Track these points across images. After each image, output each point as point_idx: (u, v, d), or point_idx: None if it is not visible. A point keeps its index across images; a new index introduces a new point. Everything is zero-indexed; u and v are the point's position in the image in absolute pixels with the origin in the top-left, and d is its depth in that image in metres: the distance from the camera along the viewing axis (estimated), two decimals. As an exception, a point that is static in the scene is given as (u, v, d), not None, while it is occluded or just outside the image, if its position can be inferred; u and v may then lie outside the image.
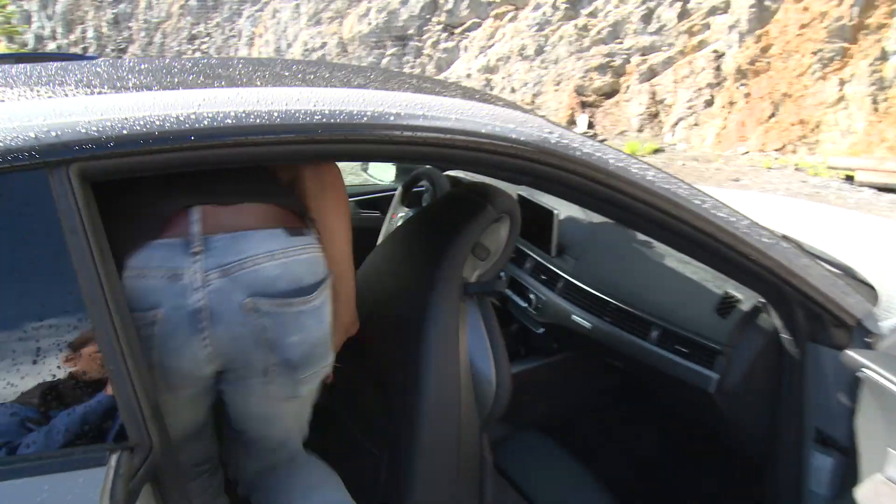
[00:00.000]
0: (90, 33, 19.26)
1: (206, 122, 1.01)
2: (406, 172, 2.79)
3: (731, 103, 10.16)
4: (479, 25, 13.67)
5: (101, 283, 0.94)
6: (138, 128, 0.98)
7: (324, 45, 15.07)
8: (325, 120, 1.07)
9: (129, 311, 1.01)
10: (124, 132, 0.97)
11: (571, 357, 2.32)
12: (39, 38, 20.13)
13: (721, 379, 1.64)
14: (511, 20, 13.30)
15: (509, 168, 1.20)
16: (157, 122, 0.99)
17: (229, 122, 1.02)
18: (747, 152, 9.61)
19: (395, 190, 2.76)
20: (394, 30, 14.39)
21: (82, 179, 0.95)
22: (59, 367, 0.94)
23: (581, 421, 2.33)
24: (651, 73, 11.28)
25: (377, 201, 3.17)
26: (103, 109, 0.99)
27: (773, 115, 9.64)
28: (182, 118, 1.00)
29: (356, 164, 3.29)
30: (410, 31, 14.28)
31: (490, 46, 13.30)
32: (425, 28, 14.13)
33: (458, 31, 13.77)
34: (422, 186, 2.63)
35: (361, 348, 1.57)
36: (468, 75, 13.08)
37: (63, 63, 1.32)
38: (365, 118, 1.09)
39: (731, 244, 1.35)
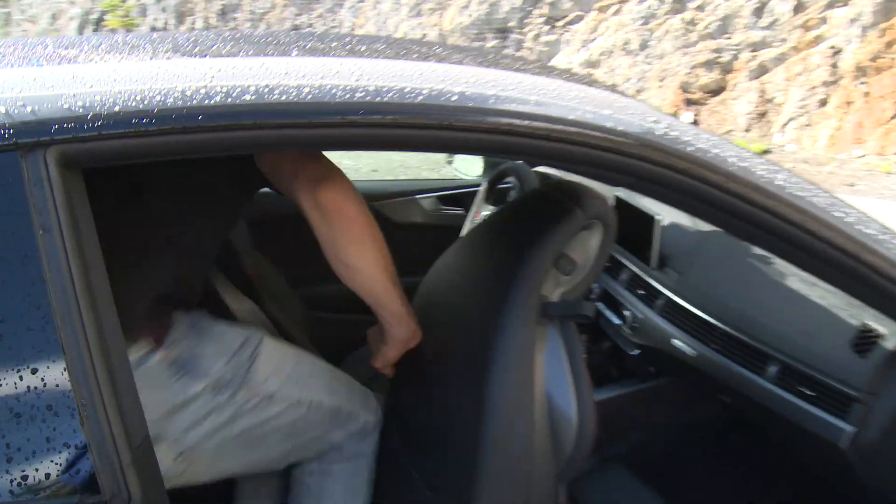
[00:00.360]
0: (199, 24, 19.82)
1: (217, 99, 0.81)
2: (494, 167, 2.59)
3: (848, 103, 9.49)
4: (581, 18, 13.30)
5: (75, 295, 0.75)
6: (133, 103, 0.78)
7: (424, 36, 15.00)
8: (368, 98, 0.85)
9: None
10: (116, 108, 0.78)
11: (670, 384, 2.04)
12: (154, 30, 20.87)
13: (857, 433, 1.33)
14: (615, 13, 12.87)
15: (603, 165, 0.96)
16: (158, 98, 0.79)
17: (248, 98, 0.81)
18: (864, 155, 8.97)
19: (480, 186, 2.58)
20: (495, 22, 14.16)
21: (62, 165, 0.77)
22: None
23: (677, 457, 2.05)
24: (761, 70, 10.70)
25: (461, 197, 2.98)
26: (94, 80, 0.81)
27: (895, 116, 8.97)
28: (189, 93, 0.80)
29: (440, 156, 3.10)
30: (511, 24, 14.02)
31: (593, 40, 12.92)
32: (527, 20, 13.85)
33: (560, 23, 13.44)
34: (508, 183, 2.43)
35: (423, 365, 1.36)
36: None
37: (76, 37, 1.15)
38: (420, 97, 0.87)
39: (881, 268, 1.07)
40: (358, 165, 8.02)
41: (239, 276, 1.88)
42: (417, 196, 2.95)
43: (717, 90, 11.16)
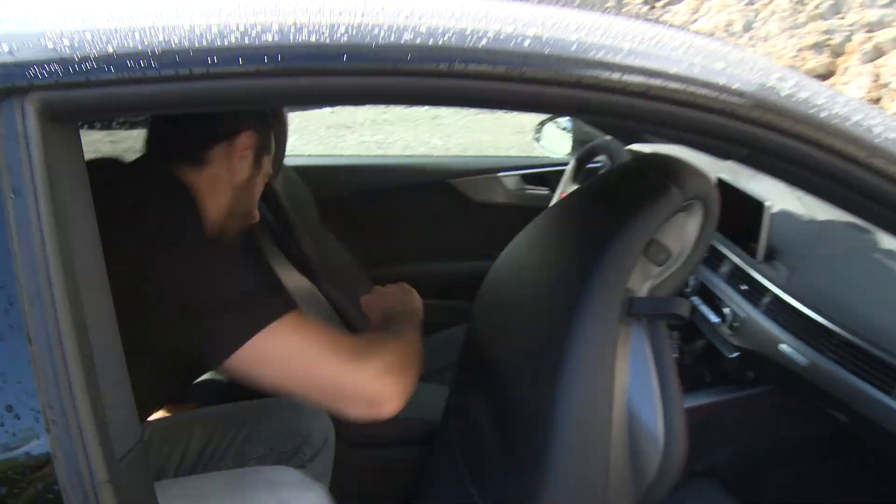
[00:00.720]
0: None
1: (233, 38, 0.66)
2: (583, 144, 2.41)
3: (976, 87, 8.80)
4: (683, -2, 12.83)
5: (48, 272, 0.62)
6: (131, 43, 0.65)
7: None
8: (419, 41, 0.68)
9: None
10: (109, 49, 0.64)
11: (772, 393, 1.80)
12: None
13: None
14: (719, -8, 12.34)
15: (712, 131, 0.77)
16: (160, 36, 0.66)
17: (269, 38, 0.66)
18: None
19: (567, 164, 2.40)
20: (594, 2, 13.84)
21: (44, 117, 0.64)
22: None
23: (776, 476, 1.82)
24: (876, 53, 10.01)
25: (547, 176, 2.82)
26: (85, 15, 0.68)
27: None
28: (199, 31, 0.66)
29: (527, 131, 2.94)
30: (610, 3, 13.64)
31: (694, 21, 12.42)
32: (626, 0, 13.45)
33: (660, 4, 12.97)
34: (598, 162, 2.25)
35: (488, 362, 1.20)
36: (667, 51, 12.31)
37: None
38: (484, 41, 0.70)
39: None
40: (448, 145, 7.92)
41: (298, 254, 1.76)
42: (500, 174, 2.79)
43: (826, 74, 10.54)
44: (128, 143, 1.54)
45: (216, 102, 0.69)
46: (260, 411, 1.51)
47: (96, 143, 1.69)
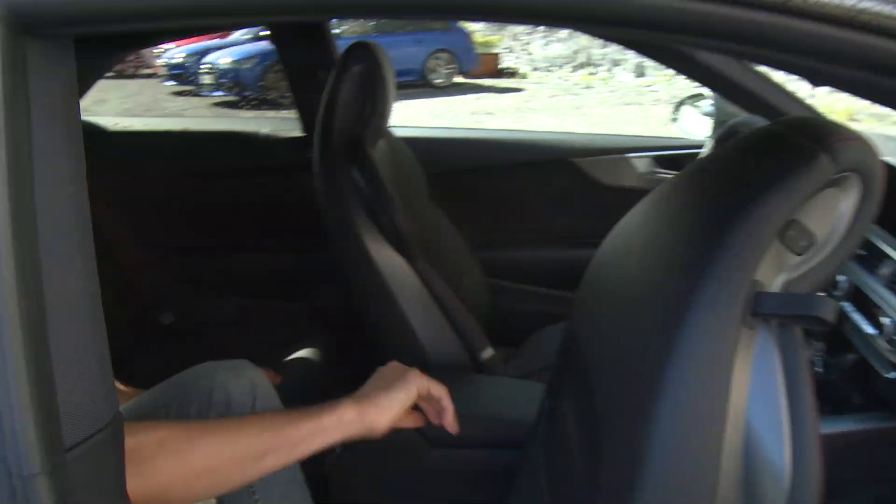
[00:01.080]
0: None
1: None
2: (723, 125, 2.18)
3: None
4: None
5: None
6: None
7: None
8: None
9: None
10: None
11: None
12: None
13: None
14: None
15: (885, 68, 0.56)
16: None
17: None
18: None
19: (703, 147, 2.22)
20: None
21: (11, 27, 0.53)
22: None
23: None
24: None
25: (681, 159, 2.61)
26: None
27: None
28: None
29: (664, 112, 2.74)
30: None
31: None
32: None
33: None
34: (738, 143, 2.01)
35: (583, 362, 1.03)
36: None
37: None
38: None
39: None
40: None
41: (392, 229, 1.64)
42: (628, 154, 2.59)
43: None
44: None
45: (231, 13, 0.54)
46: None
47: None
